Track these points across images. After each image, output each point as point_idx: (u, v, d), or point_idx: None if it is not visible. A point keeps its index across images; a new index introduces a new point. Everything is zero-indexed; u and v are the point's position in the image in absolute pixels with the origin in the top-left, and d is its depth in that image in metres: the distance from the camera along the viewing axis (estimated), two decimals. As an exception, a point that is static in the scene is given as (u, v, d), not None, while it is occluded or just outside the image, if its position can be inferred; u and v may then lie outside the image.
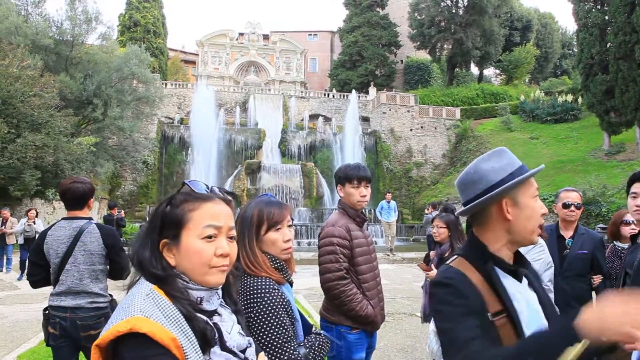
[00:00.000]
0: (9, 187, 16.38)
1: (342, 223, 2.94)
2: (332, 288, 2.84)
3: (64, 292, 3.10)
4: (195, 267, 1.17)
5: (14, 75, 17.09)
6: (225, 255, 1.20)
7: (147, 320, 1.03)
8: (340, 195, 3.07)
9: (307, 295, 9.11)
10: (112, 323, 1.06)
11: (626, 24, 21.61)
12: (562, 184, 22.36)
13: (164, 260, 1.17)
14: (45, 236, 3.21)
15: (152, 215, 1.22)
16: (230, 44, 47.94)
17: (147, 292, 1.11)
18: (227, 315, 1.26)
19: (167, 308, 1.09)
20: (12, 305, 8.04)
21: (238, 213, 1.79)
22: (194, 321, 1.11)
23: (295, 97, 38.26)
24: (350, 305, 2.83)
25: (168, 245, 1.18)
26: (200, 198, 1.22)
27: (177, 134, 31.83)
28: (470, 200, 1.42)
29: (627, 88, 22.06)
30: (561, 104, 32.91)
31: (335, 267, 2.84)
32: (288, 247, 1.82)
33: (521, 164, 1.45)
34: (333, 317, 2.94)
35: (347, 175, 3.00)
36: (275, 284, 1.66)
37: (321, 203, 29.73)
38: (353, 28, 44.49)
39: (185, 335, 1.08)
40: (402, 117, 33.95)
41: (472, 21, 39.30)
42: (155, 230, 1.19)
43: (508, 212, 1.38)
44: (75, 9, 23.50)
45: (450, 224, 4.18)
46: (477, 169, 1.44)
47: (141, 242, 1.18)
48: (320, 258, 2.93)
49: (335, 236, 2.88)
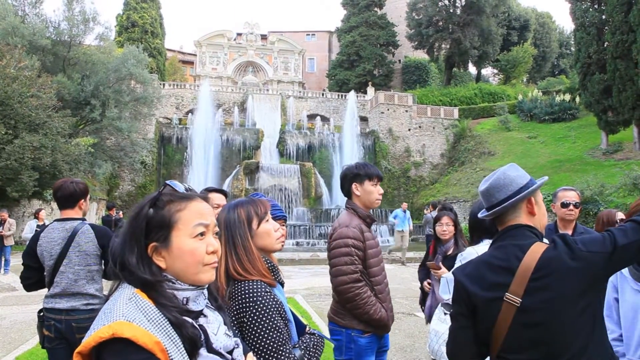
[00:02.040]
0: (7, 189, 16.33)
1: (355, 224, 2.87)
2: (347, 291, 2.76)
3: (59, 294, 3.07)
4: (189, 266, 1.16)
5: (11, 76, 17.04)
6: (215, 251, 1.21)
7: (130, 325, 1.01)
8: (357, 193, 2.95)
9: (306, 295, 9.08)
10: (94, 329, 1.04)
11: (623, 24, 21.67)
12: (560, 183, 22.40)
13: (154, 265, 1.15)
14: (38, 238, 3.17)
15: (134, 219, 1.17)
16: (228, 44, 47.92)
17: (129, 296, 1.09)
18: (213, 316, 1.25)
19: (150, 312, 1.07)
20: (9, 307, 8.02)
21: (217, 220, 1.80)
22: (183, 328, 1.10)
23: (294, 97, 38.26)
24: (365, 309, 2.76)
25: (157, 248, 1.16)
26: (185, 198, 1.21)
27: (175, 135, 31.82)
28: (504, 200, 1.67)
29: (625, 87, 22.11)
30: (559, 104, 32.99)
31: (351, 270, 2.76)
32: (281, 236, 1.86)
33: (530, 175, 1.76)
34: (343, 321, 2.85)
35: (367, 173, 2.94)
36: (268, 287, 1.65)
37: (320, 203, 29.74)
38: (351, 28, 44.53)
39: (170, 338, 1.06)
40: (400, 116, 33.98)
41: (470, 21, 39.35)
42: (141, 234, 1.15)
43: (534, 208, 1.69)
44: (72, 9, 23.47)
45: (457, 222, 4.22)
46: (505, 175, 1.71)
47: (126, 248, 1.14)
48: (333, 260, 2.84)
49: (350, 237, 2.80)
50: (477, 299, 1.59)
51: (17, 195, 16.81)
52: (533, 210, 1.68)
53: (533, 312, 1.50)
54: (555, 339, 1.48)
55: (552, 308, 1.48)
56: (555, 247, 1.54)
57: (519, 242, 1.61)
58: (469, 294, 1.61)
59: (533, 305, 1.49)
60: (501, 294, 1.54)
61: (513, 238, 1.64)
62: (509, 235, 1.66)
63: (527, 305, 1.50)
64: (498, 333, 1.54)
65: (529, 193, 1.66)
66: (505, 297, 1.53)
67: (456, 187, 28.98)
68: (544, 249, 1.55)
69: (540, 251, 1.54)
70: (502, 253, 1.62)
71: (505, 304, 1.52)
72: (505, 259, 1.59)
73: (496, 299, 1.55)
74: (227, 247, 1.71)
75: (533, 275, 1.51)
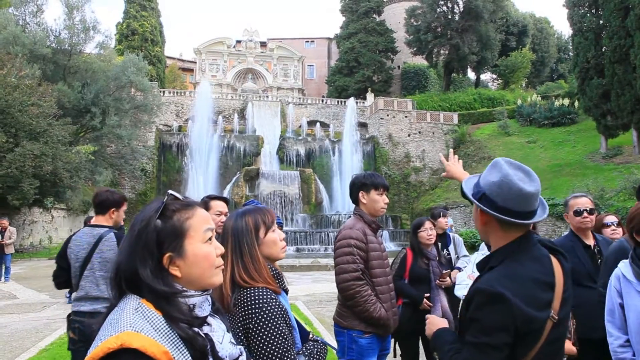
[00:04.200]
0: (7, 197, 16.34)
1: (359, 227, 3.02)
2: (348, 288, 2.89)
3: (83, 297, 3.22)
4: (205, 271, 1.19)
5: (12, 84, 17.11)
6: (222, 254, 1.26)
7: (138, 335, 1.01)
8: (363, 201, 3.11)
9: (307, 301, 9.07)
10: (101, 339, 1.02)
11: (621, 28, 21.78)
12: (560, 187, 22.40)
13: (169, 276, 1.15)
14: (70, 240, 3.36)
15: (143, 232, 1.14)
16: (227, 51, 48.11)
17: (135, 306, 1.08)
18: (217, 324, 1.26)
19: (157, 321, 1.07)
20: (10, 315, 8.00)
21: (224, 227, 1.81)
22: (193, 341, 1.10)
23: (293, 104, 38.36)
24: (365, 307, 2.87)
25: (172, 258, 1.16)
26: (190, 205, 1.23)
27: (175, 142, 31.87)
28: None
29: (623, 91, 22.18)
30: (558, 108, 33.07)
31: (352, 268, 2.90)
32: (284, 246, 1.92)
33: None
34: (345, 322, 2.97)
35: (374, 183, 3.10)
36: (273, 294, 1.66)
37: (320, 209, 29.71)
38: (350, 34, 44.73)
39: (177, 349, 1.06)
40: (399, 122, 34.05)
41: (468, 27, 39.54)
42: (154, 246, 1.14)
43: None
44: (73, 18, 23.60)
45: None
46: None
47: (137, 261, 1.11)
48: (337, 259, 2.99)
49: (353, 238, 2.95)
50: (535, 322, 1.39)
51: (18, 203, 16.82)
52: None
53: (562, 325, 1.46)
54: (562, 349, 1.49)
55: (568, 320, 1.48)
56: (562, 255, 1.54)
57: (543, 251, 1.49)
58: (528, 319, 1.37)
59: (563, 319, 1.45)
60: (549, 312, 1.42)
61: (537, 247, 1.49)
62: (533, 242, 1.50)
63: (560, 319, 1.43)
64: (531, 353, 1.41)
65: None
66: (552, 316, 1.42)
67: (456, 192, 28.95)
68: (555, 258, 1.51)
69: (557, 261, 1.50)
70: (541, 266, 1.46)
71: (549, 322, 1.41)
72: (546, 273, 1.45)
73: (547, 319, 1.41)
74: (233, 254, 1.72)
75: (564, 288, 1.46)
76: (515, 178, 1.47)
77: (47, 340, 6.25)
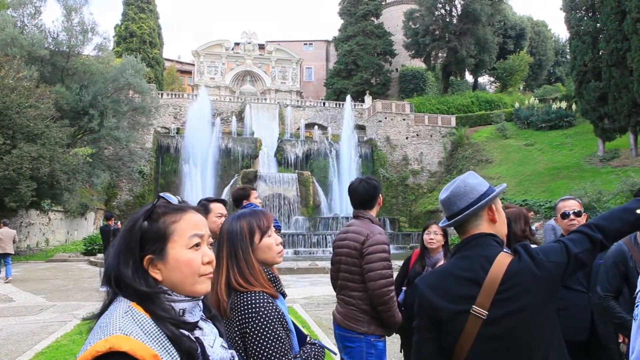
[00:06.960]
0: (5, 199, 16.29)
1: (383, 231, 3.13)
2: (385, 294, 2.93)
3: None
4: (186, 277, 1.17)
5: (9, 86, 17.09)
6: (210, 262, 1.21)
7: (127, 338, 1.01)
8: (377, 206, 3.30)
9: (305, 304, 9.05)
10: (90, 343, 1.02)
11: (617, 32, 21.89)
12: (558, 190, 22.45)
13: (150, 277, 1.15)
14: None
15: (128, 232, 1.16)
16: (226, 53, 48.15)
17: (125, 309, 1.08)
18: (208, 328, 1.25)
19: (147, 325, 1.07)
20: (6, 318, 7.96)
21: (220, 231, 1.80)
22: (180, 342, 1.10)
23: (291, 106, 38.41)
24: (393, 311, 2.96)
25: (153, 260, 1.16)
26: (180, 209, 1.21)
27: (173, 144, 31.83)
28: (466, 208, 1.66)
29: (620, 95, 22.27)
30: (555, 111, 33.20)
31: (389, 274, 2.98)
32: (282, 250, 1.88)
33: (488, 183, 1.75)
34: (363, 328, 2.96)
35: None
36: (270, 298, 1.66)
37: (318, 212, 29.71)
38: (348, 37, 44.84)
39: (167, 352, 1.06)
40: (397, 125, 34.12)
41: (466, 30, 39.68)
42: (136, 246, 1.14)
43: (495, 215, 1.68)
44: (71, 20, 23.58)
45: (446, 231, 4.08)
46: (465, 183, 1.70)
47: (121, 260, 1.13)
48: (373, 264, 2.98)
49: (385, 243, 3.04)
50: (443, 312, 1.55)
51: (15, 205, 16.78)
52: (494, 218, 1.66)
53: (499, 324, 1.49)
54: (520, 350, 1.49)
55: (518, 319, 1.48)
56: (520, 258, 1.54)
57: (484, 252, 1.59)
58: (434, 307, 1.57)
59: (499, 317, 1.48)
60: (468, 306, 1.52)
61: (478, 248, 1.61)
62: (474, 244, 1.63)
63: (493, 318, 1.49)
64: (463, 345, 1.52)
65: (489, 200, 1.65)
66: (472, 310, 1.50)
67: (454, 195, 29.00)
68: (509, 260, 1.54)
69: (506, 262, 1.53)
70: (467, 264, 1.59)
71: (472, 317, 1.50)
72: (471, 270, 1.56)
73: (462, 312, 1.52)
74: (228, 258, 1.71)
75: (500, 287, 1.50)
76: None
77: (44, 343, 6.22)
